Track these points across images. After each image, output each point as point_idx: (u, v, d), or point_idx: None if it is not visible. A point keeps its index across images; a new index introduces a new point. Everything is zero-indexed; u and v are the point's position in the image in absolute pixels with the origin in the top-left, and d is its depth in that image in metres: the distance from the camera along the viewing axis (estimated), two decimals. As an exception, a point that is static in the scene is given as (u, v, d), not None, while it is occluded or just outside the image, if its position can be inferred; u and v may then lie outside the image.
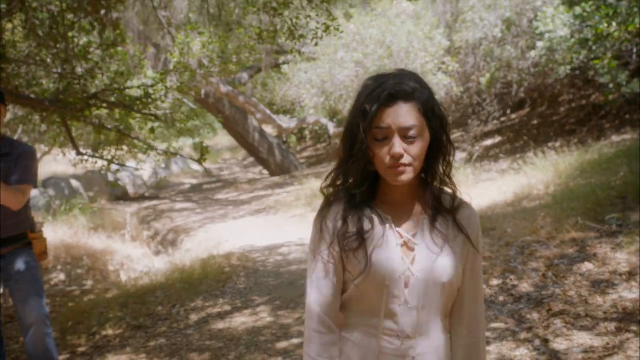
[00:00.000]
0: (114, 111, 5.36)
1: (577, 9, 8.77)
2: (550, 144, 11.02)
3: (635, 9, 6.23)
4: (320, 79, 10.89)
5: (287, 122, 14.15)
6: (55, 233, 9.02)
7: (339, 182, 1.48)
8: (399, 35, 9.47)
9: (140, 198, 15.75)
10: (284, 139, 20.03)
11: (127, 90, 5.20)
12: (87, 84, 4.98)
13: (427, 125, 1.39)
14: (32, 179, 3.24)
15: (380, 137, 1.36)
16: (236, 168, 22.21)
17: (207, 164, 24.35)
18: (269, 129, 18.50)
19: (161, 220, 12.54)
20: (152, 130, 5.62)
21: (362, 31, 9.67)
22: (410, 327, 1.42)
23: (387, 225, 1.43)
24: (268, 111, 13.85)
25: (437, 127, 1.40)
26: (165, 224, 12.01)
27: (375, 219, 1.43)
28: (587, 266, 4.38)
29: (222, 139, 27.46)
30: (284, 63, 11.09)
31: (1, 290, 3.26)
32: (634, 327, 3.38)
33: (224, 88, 12.91)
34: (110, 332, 4.73)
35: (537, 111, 14.13)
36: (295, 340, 4.18)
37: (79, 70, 5.43)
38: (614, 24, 6.69)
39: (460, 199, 1.49)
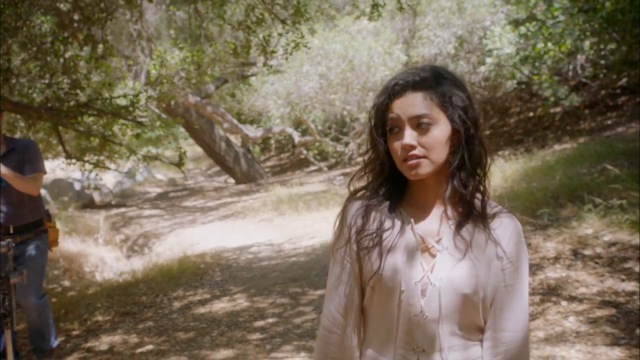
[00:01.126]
0: (101, 118, 5.84)
1: (522, 29, 9.66)
2: (500, 153, 11.84)
3: (567, 32, 7.05)
4: (286, 91, 11.51)
5: (254, 132, 14.70)
6: None
7: (365, 179, 1.43)
8: (361, 50, 10.18)
9: (107, 206, 15.98)
10: (249, 149, 20.54)
11: (114, 99, 5.69)
12: (77, 94, 5.43)
13: (446, 116, 1.30)
14: (42, 167, 3.75)
15: (395, 129, 1.31)
16: (200, 178, 22.54)
17: (171, 174, 24.44)
18: (233, 139, 19.00)
19: (130, 226, 12.87)
20: (137, 136, 6.13)
21: (326, 46, 10.35)
22: (427, 341, 1.31)
23: (409, 227, 1.34)
24: (235, 121, 14.37)
25: (457, 119, 1.30)
26: (135, 230, 12.36)
27: (397, 220, 1.36)
28: (522, 254, 5.08)
29: (176, 150, 27.78)
30: (252, 75, 11.69)
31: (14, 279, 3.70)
32: (554, 299, 4.08)
33: (192, 99, 13.38)
34: (100, 318, 5.20)
35: (490, 122, 15.07)
36: (270, 320, 4.75)
37: (66, 81, 5.91)
38: (549, 44, 7.50)
39: (499, 207, 1.37)
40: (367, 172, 1.41)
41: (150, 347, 4.45)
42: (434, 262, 1.31)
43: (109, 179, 18.94)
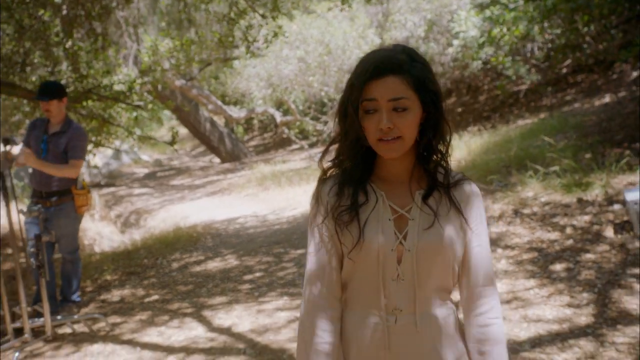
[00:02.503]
0: (103, 103, 6.53)
1: (487, 12, 10.43)
2: (469, 129, 12.69)
3: (520, 18, 7.85)
4: (267, 73, 12.20)
5: (237, 113, 15.37)
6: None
7: (335, 158, 1.49)
8: (336, 35, 10.89)
9: (96, 186, 16.59)
10: (232, 129, 21.22)
11: (114, 85, 6.38)
12: (82, 81, 6.12)
13: (418, 99, 1.37)
14: (81, 155, 4.49)
15: (370, 110, 1.37)
16: (186, 158, 23.18)
17: (156, 155, 24.91)
18: (217, 119, 19.66)
19: (122, 204, 13.55)
20: (136, 118, 6.83)
21: (304, 31, 11.04)
22: (406, 303, 1.42)
23: (381, 200, 1.43)
24: (219, 102, 15.04)
25: (429, 102, 1.38)
26: (127, 207, 13.05)
27: (370, 194, 1.44)
28: (473, 214, 5.92)
29: (168, 131, 28.47)
30: (235, 58, 12.39)
31: (46, 238, 4.43)
32: (492, 248, 4.92)
33: (178, 82, 14.01)
34: (109, 277, 5.97)
35: (462, 100, 15.91)
36: (257, 274, 5.55)
37: (69, 69, 6.59)
38: (505, 29, 8.30)
39: (460, 175, 1.48)
40: (340, 149, 1.47)
41: (156, 297, 5.24)
42: (406, 230, 1.41)
43: (96, 161, 19.47)
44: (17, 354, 4.04)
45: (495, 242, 5.09)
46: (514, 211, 5.72)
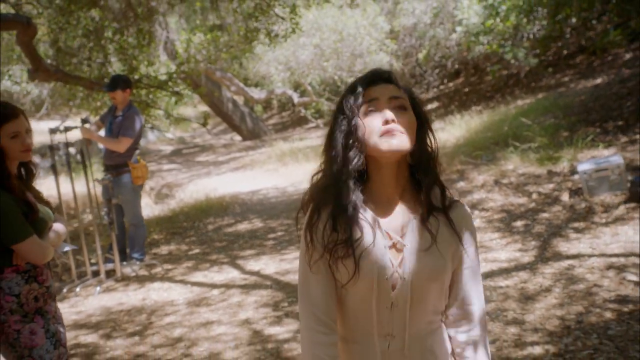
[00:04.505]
0: (148, 90, 7.67)
1: (489, 0, 11.34)
2: (474, 108, 13.65)
3: (510, 10, 8.82)
4: (286, 58, 13.27)
5: (258, 94, 16.48)
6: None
7: (326, 185, 1.43)
8: (349, 23, 11.90)
9: (128, 163, 17.80)
10: (252, 108, 22.35)
11: (158, 76, 7.52)
12: (132, 72, 7.27)
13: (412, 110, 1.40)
14: (130, 133, 5.57)
15: (372, 109, 1.37)
16: (207, 136, 24.34)
17: (179, 133, 26.12)
18: (237, 99, 20.79)
19: (153, 178, 14.74)
20: (176, 102, 7.96)
21: (319, 20, 12.05)
22: (397, 328, 1.43)
23: (377, 227, 1.40)
24: (241, 84, 16.15)
25: (420, 114, 1.43)
26: (158, 181, 14.26)
27: (365, 223, 1.40)
28: (461, 184, 7.01)
29: (188, 110, 29.66)
30: (260, 44, 13.54)
31: (114, 201, 5.59)
32: (473, 210, 6.01)
33: (203, 66, 15.13)
34: (156, 237, 7.18)
35: (469, 80, 16.80)
36: (280, 233, 6.72)
37: (115, 61, 7.75)
38: (498, 19, 9.26)
39: (452, 197, 1.47)
40: (332, 176, 1.41)
41: (197, 251, 6.44)
42: (401, 257, 1.39)
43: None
44: (98, 289, 5.26)
45: (474, 206, 6.18)
46: (495, 181, 6.79)
